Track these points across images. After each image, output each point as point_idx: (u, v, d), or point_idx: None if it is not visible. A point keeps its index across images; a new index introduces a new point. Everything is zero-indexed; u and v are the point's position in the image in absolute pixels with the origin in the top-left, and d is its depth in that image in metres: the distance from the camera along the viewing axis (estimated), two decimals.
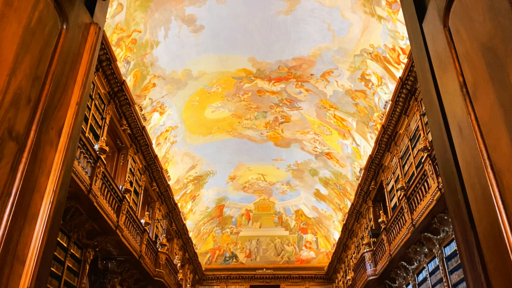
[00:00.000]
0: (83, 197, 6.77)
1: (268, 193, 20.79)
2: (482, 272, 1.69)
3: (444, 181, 1.96)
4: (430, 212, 7.26)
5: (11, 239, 1.22)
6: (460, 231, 1.87)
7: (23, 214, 1.29)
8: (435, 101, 1.84)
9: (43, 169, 1.39)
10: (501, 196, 1.20)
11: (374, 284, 10.68)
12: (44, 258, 1.37)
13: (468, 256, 1.81)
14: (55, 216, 1.51)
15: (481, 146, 1.30)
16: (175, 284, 12.82)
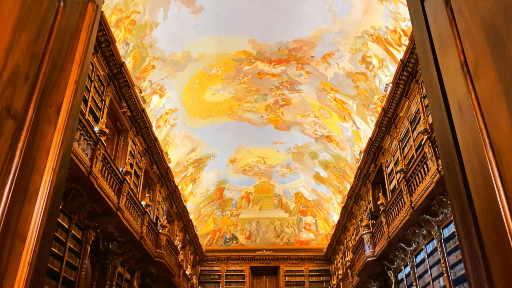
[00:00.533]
0: (83, 178, 6.80)
1: (268, 176, 20.87)
2: (479, 250, 1.71)
3: (444, 161, 1.96)
4: (429, 194, 7.30)
5: (11, 216, 1.23)
6: (458, 211, 1.88)
7: (23, 191, 1.29)
8: (435, 81, 1.83)
9: (42, 148, 1.39)
10: (499, 174, 1.21)
11: (373, 265, 10.81)
12: (45, 236, 1.38)
13: (465, 236, 1.82)
14: (55, 195, 1.52)
15: (481, 124, 1.30)
16: (176, 265, 12.97)
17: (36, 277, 1.33)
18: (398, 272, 10.22)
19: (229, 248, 21.90)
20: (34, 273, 1.31)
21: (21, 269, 1.24)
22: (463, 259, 1.93)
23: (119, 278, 9.62)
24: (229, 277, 21.28)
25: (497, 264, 1.27)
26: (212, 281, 21.21)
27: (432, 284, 8.09)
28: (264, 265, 21.34)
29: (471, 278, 1.83)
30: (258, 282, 21.63)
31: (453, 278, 7.21)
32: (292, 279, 21.07)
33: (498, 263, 1.27)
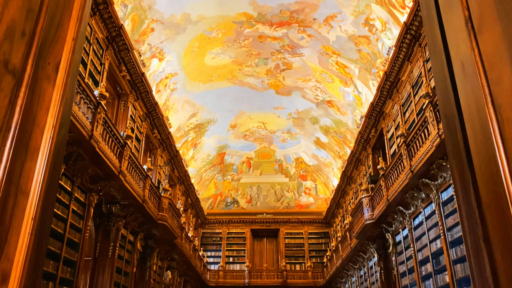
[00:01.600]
0: (84, 142, 6.83)
1: (269, 141, 20.93)
2: (476, 208, 1.73)
3: (444, 121, 1.96)
4: (429, 158, 7.34)
5: (13, 172, 1.24)
6: (457, 169, 1.89)
7: (24, 148, 1.30)
8: (439, 39, 1.80)
9: (42, 105, 1.39)
10: (500, 131, 1.21)
11: (371, 228, 11.00)
12: (47, 192, 1.40)
13: (463, 194, 1.85)
14: (56, 153, 1.52)
15: (483, 81, 1.29)
16: (178, 227, 13.22)
17: (41, 232, 1.36)
18: (396, 235, 10.42)
19: (230, 212, 22.27)
20: (38, 228, 1.33)
21: (25, 223, 1.26)
22: (460, 217, 1.96)
23: (123, 239, 9.83)
24: (230, 239, 21.75)
25: (494, 220, 1.29)
26: (214, 243, 21.70)
27: (429, 246, 8.26)
28: (264, 227, 21.75)
29: (467, 235, 1.87)
30: (259, 244, 22.12)
31: (449, 240, 7.36)
32: (291, 241, 21.54)
33: (494, 219, 1.28)
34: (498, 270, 1.35)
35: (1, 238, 1.20)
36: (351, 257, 14.48)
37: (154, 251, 12.16)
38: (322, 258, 20.62)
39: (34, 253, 1.35)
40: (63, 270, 6.91)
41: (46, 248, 1.67)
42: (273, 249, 21.90)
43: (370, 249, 12.17)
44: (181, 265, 15.83)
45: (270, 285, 20.17)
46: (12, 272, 1.22)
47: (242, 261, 21.16)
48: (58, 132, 1.54)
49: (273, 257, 21.67)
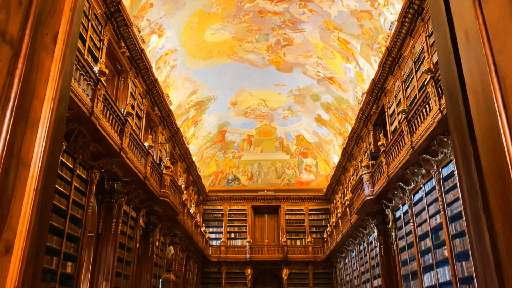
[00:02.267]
0: (85, 119, 6.81)
1: (270, 119, 20.88)
2: (477, 181, 1.74)
3: (447, 94, 1.95)
4: (430, 134, 7.33)
5: (14, 143, 1.24)
6: (458, 142, 1.89)
7: (23, 119, 1.30)
8: (442, 10, 1.77)
9: (40, 76, 1.37)
10: (503, 100, 1.20)
11: (371, 204, 11.09)
12: (49, 164, 1.40)
13: (464, 167, 1.85)
14: (57, 126, 1.52)
15: (487, 50, 1.27)
16: (180, 203, 13.33)
17: (43, 204, 1.37)
18: (396, 210, 10.50)
19: (231, 189, 22.42)
20: (40, 199, 1.34)
21: (27, 194, 1.27)
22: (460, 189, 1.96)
23: (125, 216, 9.92)
24: (231, 215, 21.97)
25: (495, 189, 1.29)
26: (216, 219, 21.93)
27: (429, 221, 8.34)
28: (265, 204, 21.95)
29: (467, 207, 1.88)
30: (260, 220, 22.35)
31: (449, 215, 7.42)
32: (292, 218, 21.76)
33: (496, 188, 1.29)
34: (498, 239, 1.36)
35: (3, 209, 1.21)
36: (351, 232, 14.65)
37: (157, 227, 12.30)
38: (322, 233, 20.86)
39: (37, 224, 1.36)
40: (67, 246, 7.01)
41: (49, 220, 1.69)
42: (274, 225, 22.15)
43: (370, 224, 12.29)
44: (184, 240, 16.04)
45: (271, 260, 20.49)
46: (15, 242, 1.24)
47: (244, 237, 21.43)
48: (58, 106, 1.53)
49: (274, 233, 21.94)
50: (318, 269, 20.56)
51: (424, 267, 8.61)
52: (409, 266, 9.54)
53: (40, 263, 1.49)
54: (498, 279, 1.61)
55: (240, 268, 20.69)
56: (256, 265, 20.65)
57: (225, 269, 20.75)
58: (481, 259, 1.78)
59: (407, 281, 9.66)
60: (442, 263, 7.81)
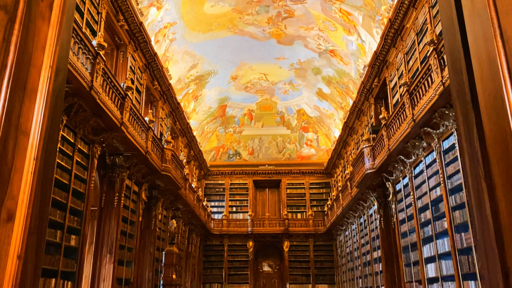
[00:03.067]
0: (85, 93, 6.78)
1: (270, 93, 20.76)
2: (479, 149, 1.73)
3: (450, 61, 1.93)
4: (432, 107, 7.29)
5: (12, 111, 1.23)
6: (461, 110, 1.87)
7: (21, 87, 1.28)
8: None
9: (37, 43, 1.35)
10: (507, 65, 1.18)
11: (372, 177, 11.14)
12: (49, 133, 1.40)
13: (466, 135, 1.84)
14: (55, 96, 1.50)
15: (493, 14, 1.24)
16: (182, 178, 13.41)
17: (44, 173, 1.37)
18: (396, 183, 10.56)
19: (232, 163, 22.51)
20: (41, 168, 1.34)
21: (28, 163, 1.27)
22: (461, 158, 1.96)
23: (127, 190, 10.00)
24: (233, 189, 22.15)
25: (497, 156, 1.28)
26: (217, 194, 22.13)
27: (429, 194, 8.39)
28: (266, 178, 22.09)
29: (468, 176, 1.88)
30: (261, 194, 22.54)
31: (449, 188, 7.46)
32: (293, 191, 21.93)
33: (498, 154, 1.28)
34: (499, 206, 1.36)
35: (4, 177, 1.21)
36: (351, 205, 14.78)
37: (159, 201, 12.41)
38: (322, 207, 21.08)
39: (38, 193, 1.36)
40: (70, 219, 7.09)
41: (51, 190, 1.69)
42: (275, 199, 22.35)
43: (370, 197, 12.39)
44: (186, 214, 16.22)
45: (272, 233, 20.77)
46: (18, 210, 1.24)
47: (245, 211, 21.67)
48: (56, 76, 1.52)
49: (275, 207, 22.16)
50: (318, 241, 20.86)
51: (423, 239, 8.72)
52: (408, 238, 9.66)
53: (43, 233, 1.50)
54: (498, 246, 1.63)
55: (242, 241, 21.00)
56: (257, 238, 20.95)
57: (227, 242, 21.06)
58: (481, 227, 1.80)
59: (406, 252, 9.80)
60: (442, 235, 7.91)
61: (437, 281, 7.97)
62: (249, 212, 21.43)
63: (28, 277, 1.29)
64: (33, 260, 1.33)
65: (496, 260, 1.67)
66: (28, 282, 1.30)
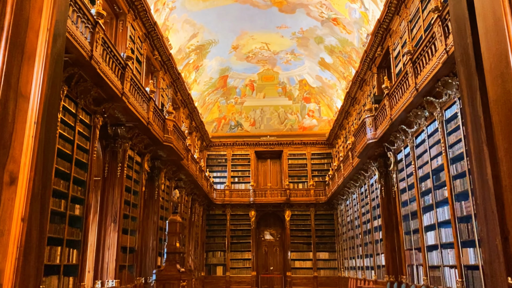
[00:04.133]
0: (85, 63, 6.72)
1: (272, 63, 20.53)
2: (481, 113, 1.72)
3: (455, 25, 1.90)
4: (435, 75, 7.22)
5: (11, 74, 1.22)
6: (464, 76, 1.86)
7: (19, 50, 1.27)
8: None
9: (34, 6, 1.32)
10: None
11: (373, 147, 11.15)
12: (49, 98, 1.39)
13: (469, 100, 1.83)
14: (54, 61, 1.49)
15: None
16: (184, 149, 13.46)
17: (46, 137, 1.37)
18: (397, 153, 10.58)
19: (234, 135, 22.54)
20: (43, 133, 1.34)
21: (28, 127, 1.26)
22: (464, 123, 1.95)
23: (130, 160, 10.06)
24: (235, 160, 22.26)
25: (500, 117, 1.28)
26: (219, 165, 22.26)
27: (430, 163, 8.42)
28: (268, 149, 22.16)
29: (470, 141, 1.87)
30: (263, 165, 22.66)
31: (451, 157, 7.48)
32: (295, 162, 22.04)
33: (501, 116, 1.27)
34: (500, 168, 1.37)
35: (5, 140, 1.21)
36: (352, 175, 14.87)
37: (162, 171, 12.50)
38: (324, 177, 21.22)
39: (41, 158, 1.37)
40: (74, 189, 7.16)
41: (53, 156, 1.70)
42: (277, 169, 22.48)
43: (372, 167, 12.44)
44: (188, 184, 16.37)
45: (274, 203, 21.01)
46: (20, 174, 1.25)
47: (247, 181, 21.85)
48: (55, 41, 1.49)
49: (276, 177, 22.32)
50: (319, 210, 21.12)
51: (424, 207, 8.81)
52: (409, 207, 9.76)
53: (47, 198, 1.52)
54: (498, 210, 1.64)
55: (244, 210, 21.28)
56: (259, 207, 21.21)
57: (229, 211, 21.34)
58: (481, 191, 1.81)
59: (406, 221, 9.92)
60: (442, 203, 7.98)
61: (436, 248, 8.10)
62: (251, 182, 21.61)
63: (33, 240, 1.31)
64: (37, 224, 1.35)
65: (496, 223, 1.69)
66: (34, 244, 1.32)
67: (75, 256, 7.10)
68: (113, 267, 8.63)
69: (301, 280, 20.26)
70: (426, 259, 8.59)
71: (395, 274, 10.76)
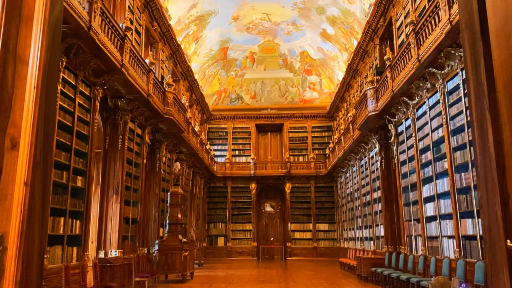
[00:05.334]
0: (84, 34, 6.63)
1: (273, 34, 20.25)
2: (485, 80, 1.71)
3: None
4: (438, 46, 7.12)
5: (8, 37, 1.20)
6: (469, 42, 1.83)
7: (17, 14, 1.24)
8: None
9: None
10: None
11: (374, 119, 11.12)
12: (49, 63, 1.37)
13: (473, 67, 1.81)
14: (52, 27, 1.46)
15: None
16: (185, 121, 13.45)
17: (46, 102, 1.36)
18: (398, 125, 10.57)
19: (234, 108, 22.47)
20: (43, 97, 1.33)
21: (28, 91, 1.26)
22: (467, 90, 1.94)
23: (131, 133, 10.06)
24: (235, 133, 22.29)
25: (504, 83, 1.26)
26: (220, 138, 22.30)
27: (431, 135, 8.42)
28: (269, 122, 22.14)
29: (473, 108, 1.86)
30: (263, 138, 22.69)
31: (451, 129, 7.47)
32: (295, 135, 22.07)
33: (506, 81, 1.26)
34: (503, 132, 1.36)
35: (5, 104, 1.21)
36: (352, 148, 14.91)
37: (162, 144, 12.53)
38: (324, 150, 21.29)
39: (41, 124, 1.36)
40: (76, 161, 7.19)
41: (54, 123, 1.70)
42: (277, 142, 22.53)
43: (372, 140, 12.45)
44: (189, 157, 16.44)
45: (275, 175, 21.16)
46: (21, 139, 1.25)
47: (248, 154, 21.94)
48: (52, 7, 1.47)
49: (277, 150, 22.39)
50: (319, 183, 21.28)
51: (423, 179, 8.87)
52: (408, 179, 9.82)
53: (49, 165, 1.52)
54: (498, 175, 1.65)
55: (244, 183, 21.45)
56: (260, 180, 21.37)
57: (230, 184, 21.52)
58: (482, 158, 1.81)
59: (406, 192, 10.01)
60: (442, 175, 8.02)
61: (435, 219, 8.20)
62: (251, 155, 21.70)
63: (37, 205, 1.32)
64: (40, 189, 1.36)
65: (496, 189, 1.70)
66: (37, 209, 1.33)
67: (78, 227, 7.20)
68: (116, 237, 8.77)
69: (300, 250, 20.62)
70: (424, 230, 8.70)
71: (393, 244, 10.93)
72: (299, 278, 11.76)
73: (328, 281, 10.84)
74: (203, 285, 10.20)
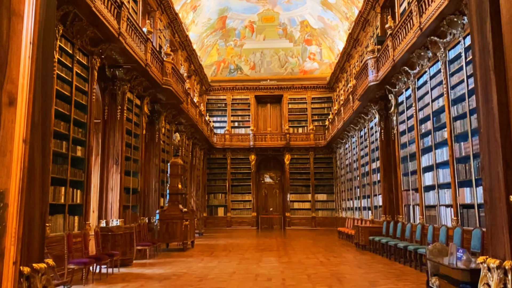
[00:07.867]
0: (79, 1, 6.49)
1: (273, 3, 19.86)
2: (491, 40, 1.67)
3: None
4: (440, 14, 7.00)
5: None
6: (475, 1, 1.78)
7: None
8: None
9: None
10: None
11: (374, 90, 11.05)
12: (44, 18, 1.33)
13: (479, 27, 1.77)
14: None
15: None
16: (183, 92, 13.35)
17: (43, 59, 1.33)
18: (399, 95, 10.51)
19: (234, 79, 22.29)
20: (39, 54, 1.30)
21: (24, 47, 1.22)
22: (472, 51, 1.90)
23: (130, 103, 10.01)
24: (235, 105, 22.20)
25: None
26: (219, 109, 22.22)
27: (431, 104, 8.38)
28: (268, 94, 22.02)
29: (477, 69, 1.84)
30: (263, 109, 22.61)
31: (452, 98, 7.43)
32: (295, 106, 21.99)
33: None
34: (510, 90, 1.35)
35: (1, 60, 1.18)
36: (352, 118, 14.87)
37: (162, 115, 12.48)
38: (324, 121, 21.25)
39: (39, 80, 1.34)
40: (75, 131, 7.17)
41: (52, 80, 1.67)
42: (277, 114, 22.46)
43: (372, 110, 12.41)
44: (189, 128, 16.42)
45: (274, 147, 21.22)
46: (19, 96, 1.22)
47: (247, 125, 21.92)
48: None
49: (276, 122, 22.36)
50: (318, 154, 21.36)
51: (422, 149, 8.88)
52: (408, 149, 9.84)
53: (47, 126, 1.50)
54: (502, 137, 1.64)
55: (244, 154, 21.52)
56: (259, 151, 21.44)
57: (229, 155, 21.59)
58: (486, 119, 1.80)
59: (405, 162, 10.05)
60: (441, 145, 8.04)
61: (433, 188, 8.26)
62: (251, 127, 21.68)
63: (36, 163, 1.31)
64: (39, 148, 1.34)
65: (498, 151, 1.69)
66: (37, 167, 1.32)
67: (79, 196, 7.26)
68: (117, 207, 8.85)
69: (299, 220, 20.89)
70: (422, 199, 8.78)
71: (391, 214, 11.05)
72: (298, 246, 11.96)
73: (327, 250, 11.02)
74: (203, 253, 10.38)
